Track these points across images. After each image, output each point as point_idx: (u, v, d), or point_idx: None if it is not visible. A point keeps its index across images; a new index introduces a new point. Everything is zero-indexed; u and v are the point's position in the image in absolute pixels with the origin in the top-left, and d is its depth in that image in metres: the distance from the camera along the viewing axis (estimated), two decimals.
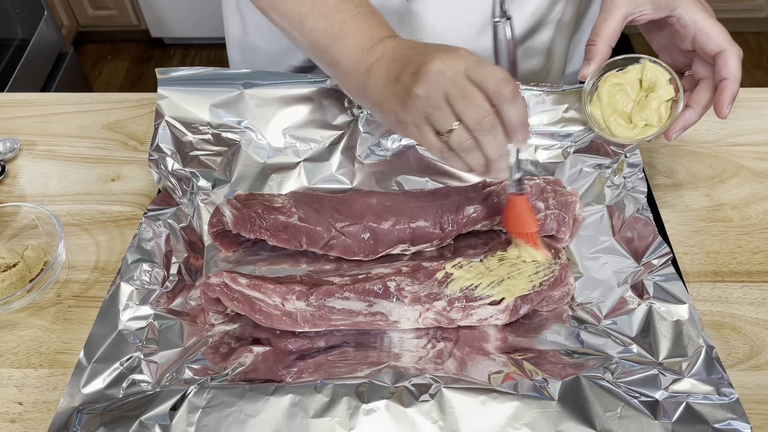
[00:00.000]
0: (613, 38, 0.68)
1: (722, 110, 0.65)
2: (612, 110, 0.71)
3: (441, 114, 0.56)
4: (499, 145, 0.57)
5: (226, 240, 0.72)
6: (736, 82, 0.65)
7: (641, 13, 0.67)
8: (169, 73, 0.80)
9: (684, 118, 0.68)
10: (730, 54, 0.64)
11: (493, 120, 0.55)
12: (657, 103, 0.69)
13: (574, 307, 0.67)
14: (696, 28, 0.65)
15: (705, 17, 0.65)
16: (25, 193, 0.81)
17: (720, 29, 0.65)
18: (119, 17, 2.51)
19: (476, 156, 0.58)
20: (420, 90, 0.56)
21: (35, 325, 0.68)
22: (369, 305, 0.63)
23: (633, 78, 0.70)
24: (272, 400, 0.56)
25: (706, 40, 0.65)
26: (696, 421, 0.54)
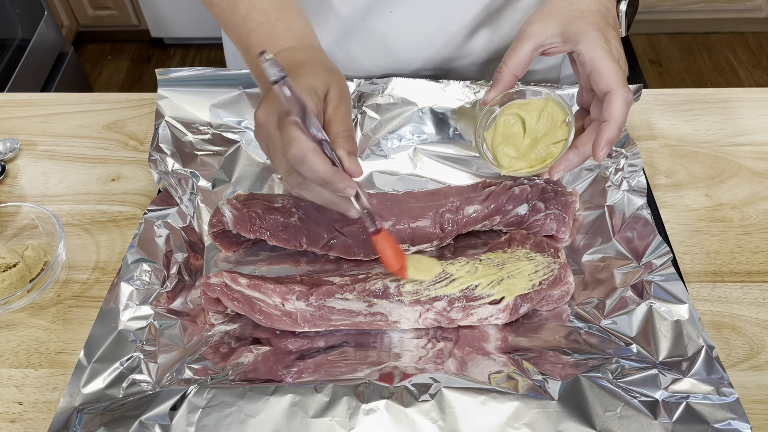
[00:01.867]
0: (521, 68, 0.65)
1: (595, 152, 0.62)
2: (503, 139, 0.68)
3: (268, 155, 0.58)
4: (316, 195, 0.57)
5: (226, 240, 0.72)
6: (616, 125, 0.61)
7: (551, 45, 0.65)
8: (169, 73, 0.80)
9: (567, 158, 0.64)
10: (616, 96, 0.60)
11: (297, 180, 0.56)
12: (551, 139, 0.67)
13: (574, 307, 0.67)
14: (592, 66, 0.62)
15: (603, 55, 0.61)
16: (25, 193, 0.81)
17: (614, 69, 0.61)
18: (119, 17, 2.51)
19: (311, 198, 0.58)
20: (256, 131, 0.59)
21: (35, 325, 0.68)
22: (369, 305, 0.63)
23: (534, 109, 0.67)
24: (272, 400, 0.56)
25: (598, 78, 0.61)
26: (696, 421, 0.54)
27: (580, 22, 0.63)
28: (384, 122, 0.81)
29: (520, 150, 0.68)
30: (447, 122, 0.81)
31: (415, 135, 0.82)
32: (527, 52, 0.65)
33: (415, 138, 0.82)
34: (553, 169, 0.65)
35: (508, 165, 0.68)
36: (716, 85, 2.36)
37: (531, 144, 0.68)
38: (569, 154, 0.64)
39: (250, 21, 0.63)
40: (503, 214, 0.71)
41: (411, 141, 0.82)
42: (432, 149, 0.81)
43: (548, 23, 0.64)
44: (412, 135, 0.82)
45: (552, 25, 0.64)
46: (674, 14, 2.50)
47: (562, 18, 0.64)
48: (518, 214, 0.71)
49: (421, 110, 0.81)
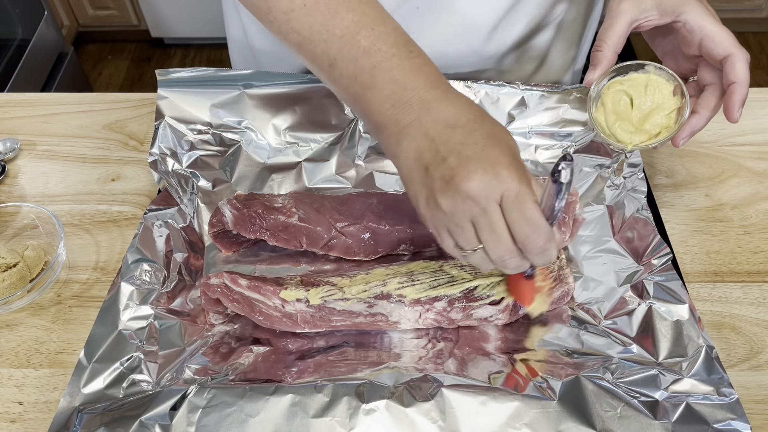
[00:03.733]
0: (619, 44, 0.68)
1: (733, 114, 0.65)
2: (616, 117, 0.70)
3: (464, 234, 0.51)
4: (519, 269, 0.54)
5: (226, 240, 0.72)
6: (745, 85, 0.65)
7: (647, 18, 0.67)
8: (169, 74, 0.80)
9: (691, 124, 0.68)
10: (738, 58, 0.64)
11: (518, 261, 0.52)
12: (662, 110, 0.69)
13: (574, 307, 0.67)
14: (702, 33, 0.65)
15: (711, 22, 0.65)
16: (25, 193, 0.81)
17: (727, 33, 0.65)
18: (119, 17, 2.51)
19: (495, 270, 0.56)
20: (446, 204, 0.50)
21: (35, 325, 0.68)
22: (369, 306, 0.63)
23: (638, 84, 0.70)
24: (272, 400, 0.56)
25: (713, 45, 0.65)
26: (696, 421, 0.54)
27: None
28: None
29: (634, 125, 0.70)
30: None
31: None
32: (624, 27, 0.67)
33: None
34: (678, 136, 0.68)
35: (629, 140, 0.70)
36: None
37: (642, 118, 0.70)
38: (692, 119, 0.68)
39: (377, 53, 0.54)
40: None
41: None
42: None
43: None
44: None
45: (646, 1, 0.66)
46: None
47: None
48: None
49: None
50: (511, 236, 0.50)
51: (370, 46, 0.54)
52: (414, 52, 0.55)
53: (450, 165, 0.49)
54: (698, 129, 0.68)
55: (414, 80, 0.54)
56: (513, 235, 0.50)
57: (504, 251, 0.51)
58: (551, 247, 0.51)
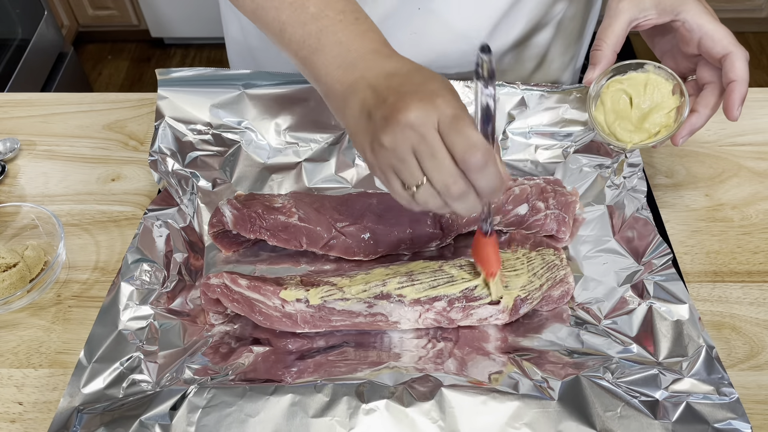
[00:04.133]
0: (618, 43, 0.68)
1: (733, 112, 0.66)
2: (616, 116, 0.71)
3: (407, 168, 0.51)
4: (469, 206, 0.53)
5: (226, 240, 0.72)
6: (745, 83, 0.65)
7: (645, 18, 0.67)
8: (170, 73, 0.80)
9: (690, 123, 0.68)
10: (737, 56, 0.65)
11: (462, 186, 0.51)
12: (662, 109, 0.69)
13: (574, 307, 0.67)
14: (701, 32, 0.65)
15: (710, 20, 0.65)
16: (25, 193, 0.81)
17: (725, 32, 0.65)
18: (119, 17, 2.51)
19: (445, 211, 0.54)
20: (387, 140, 0.51)
21: (35, 325, 0.68)
22: (369, 306, 0.63)
23: (637, 83, 0.70)
24: (272, 399, 0.56)
25: (712, 43, 0.65)
26: (696, 420, 0.54)
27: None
28: None
29: (633, 124, 0.70)
30: None
31: None
32: (623, 26, 0.67)
33: None
34: (677, 135, 0.68)
35: (629, 139, 0.70)
36: None
37: (641, 117, 0.70)
38: (691, 118, 0.68)
39: (324, 18, 0.57)
40: (503, 214, 0.71)
41: None
42: None
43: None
44: None
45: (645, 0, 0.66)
46: None
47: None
48: (518, 214, 0.71)
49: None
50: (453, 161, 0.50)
51: (318, 12, 0.57)
52: (360, 19, 0.58)
53: (389, 103, 0.51)
54: (697, 128, 0.68)
55: (358, 43, 0.56)
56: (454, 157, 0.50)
57: (446, 176, 0.50)
58: (491, 165, 0.50)
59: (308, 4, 0.58)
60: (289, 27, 0.59)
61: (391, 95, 0.52)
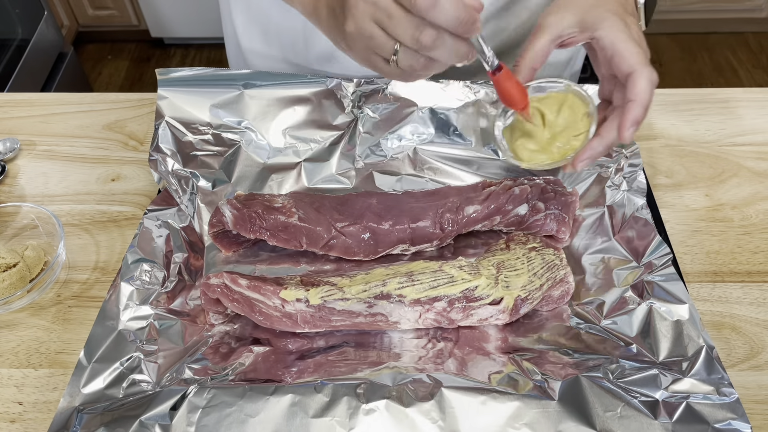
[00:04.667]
0: (539, 60, 0.64)
1: (622, 133, 0.60)
2: (522, 133, 0.67)
3: (377, 42, 0.53)
4: (451, 50, 0.53)
5: (226, 240, 0.72)
6: (642, 105, 0.59)
7: (569, 35, 0.63)
8: (170, 73, 0.80)
9: (591, 147, 0.63)
10: (640, 75, 0.59)
11: (431, 32, 0.51)
12: (573, 131, 0.65)
13: (574, 307, 0.67)
14: (613, 50, 0.61)
15: (623, 38, 0.60)
16: (25, 193, 0.81)
17: (637, 50, 0.60)
18: (119, 17, 2.51)
19: (437, 65, 0.54)
20: (350, 26, 0.54)
21: (35, 325, 0.68)
22: (369, 306, 0.63)
23: (554, 102, 0.66)
24: (272, 400, 0.56)
25: (620, 60, 0.60)
26: (696, 421, 0.54)
27: (598, 10, 0.62)
28: (384, 122, 0.81)
29: (540, 143, 0.67)
30: (447, 122, 0.81)
31: (415, 135, 0.82)
32: (545, 43, 0.63)
33: (415, 138, 0.82)
34: (576, 159, 0.64)
35: (528, 158, 0.67)
36: (716, 85, 2.36)
37: (552, 137, 0.66)
38: (593, 142, 0.63)
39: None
40: (503, 214, 0.71)
41: (411, 141, 0.82)
42: (432, 149, 0.81)
43: (565, 14, 0.63)
44: (412, 135, 0.82)
45: (569, 16, 0.63)
46: (674, 14, 2.50)
47: (579, 8, 0.63)
48: (518, 214, 0.71)
49: (421, 110, 0.81)
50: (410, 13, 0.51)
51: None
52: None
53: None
54: (598, 154, 0.63)
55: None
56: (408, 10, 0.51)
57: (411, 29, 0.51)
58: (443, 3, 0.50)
59: None
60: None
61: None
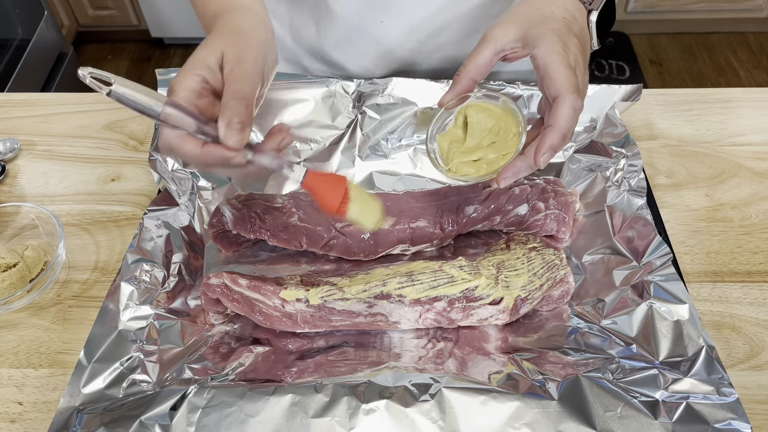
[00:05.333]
0: (480, 72, 0.63)
1: (535, 158, 0.59)
2: (454, 144, 0.66)
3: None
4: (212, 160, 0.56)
5: (226, 240, 0.72)
6: (559, 132, 0.58)
7: (512, 50, 0.62)
8: (170, 73, 0.80)
9: (514, 165, 0.61)
10: (563, 101, 0.57)
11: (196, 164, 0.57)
12: (500, 149, 0.64)
13: (574, 306, 0.67)
14: (545, 71, 0.59)
15: (556, 60, 0.58)
16: (25, 193, 0.81)
17: (565, 74, 0.58)
18: (119, 17, 2.51)
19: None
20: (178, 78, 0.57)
21: (35, 325, 0.68)
22: (369, 306, 0.63)
23: (488, 116, 0.65)
24: (272, 400, 0.56)
25: (549, 83, 0.59)
26: (696, 421, 0.54)
27: (541, 27, 0.60)
28: (384, 122, 0.81)
29: (469, 156, 0.65)
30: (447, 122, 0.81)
31: (415, 135, 0.82)
32: (487, 56, 0.62)
33: (415, 138, 0.82)
34: (500, 176, 0.62)
35: (455, 169, 0.65)
36: (716, 85, 2.36)
37: (482, 151, 0.65)
38: (516, 161, 0.61)
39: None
40: (503, 214, 0.71)
41: (411, 141, 0.82)
42: None
43: (510, 27, 0.62)
44: (412, 135, 0.82)
45: (514, 30, 0.61)
46: (674, 14, 2.50)
47: (525, 23, 0.61)
48: (518, 214, 0.71)
49: (421, 110, 0.81)
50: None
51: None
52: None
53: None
54: (521, 172, 0.61)
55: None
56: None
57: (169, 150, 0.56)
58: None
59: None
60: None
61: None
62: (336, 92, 0.81)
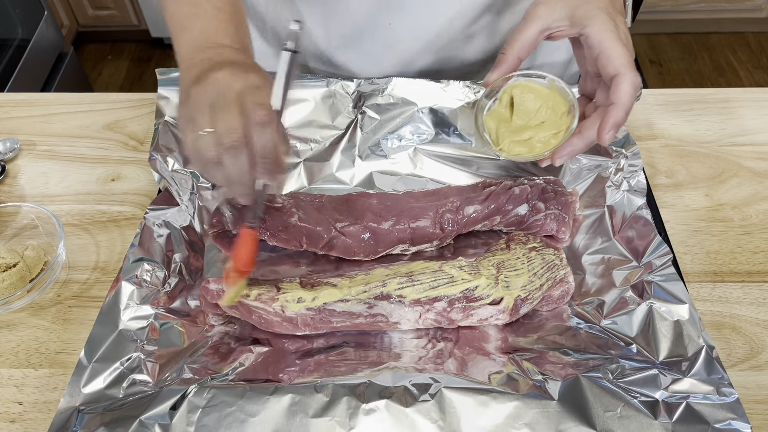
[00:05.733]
0: (525, 50, 0.64)
1: (602, 136, 0.61)
2: (503, 123, 0.67)
3: (200, 117, 0.55)
4: (239, 169, 0.55)
5: (226, 240, 0.72)
6: (623, 109, 0.60)
7: (558, 28, 0.63)
8: (170, 73, 0.80)
9: (571, 144, 0.63)
10: (624, 79, 0.60)
11: (239, 140, 0.53)
12: (552, 126, 0.65)
13: (574, 306, 0.67)
14: (600, 49, 0.61)
15: (611, 38, 0.60)
16: (25, 193, 0.81)
17: (622, 52, 0.60)
18: (119, 17, 2.51)
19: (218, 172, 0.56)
20: (194, 91, 0.56)
21: (35, 325, 0.68)
22: (369, 307, 0.63)
23: (535, 96, 0.66)
24: (272, 400, 0.56)
25: (606, 61, 0.60)
26: (696, 421, 0.54)
27: (588, 6, 0.62)
28: (384, 122, 0.81)
29: (519, 135, 0.67)
30: (447, 122, 0.81)
31: (415, 135, 0.82)
32: (533, 34, 0.63)
33: (415, 138, 0.82)
34: (556, 154, 0.64)
35: (508, 149, 0.67)
36: (716, 85, 2.36)
37: (532, 130, 0.66)
38: (573, 139, 0.64)
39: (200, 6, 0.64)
40: (503, 214, 0.71)
41: (411, 141, 0.82)
42: (432, 149, 0.81)
43: (555, 6, 0.63)
44: (412, 135, 0.82)
45: (559, 8, 0.63)
46: (674, 14, 2.50)
47: (572, 1, 0.63)
48: (518, 214, 0.71)
49: (421, 110, 0.81)
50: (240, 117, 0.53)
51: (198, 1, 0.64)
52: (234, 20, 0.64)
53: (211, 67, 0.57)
54: (577, 151, 0.64)
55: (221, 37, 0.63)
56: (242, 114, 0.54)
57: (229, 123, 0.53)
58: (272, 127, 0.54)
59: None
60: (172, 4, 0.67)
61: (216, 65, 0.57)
62: (336, 92, 0.81)
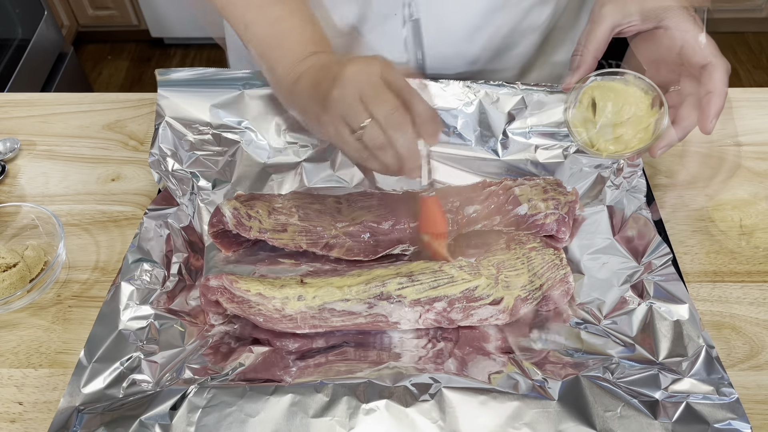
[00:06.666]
0: (600, 49, 0.66)
1: (706, 125, 0.63)
2: (593, 124, 0.68)
3: (354, 112, 0.57)
4: (409, 141, 0.58)
5: (226, 240, 0.72)
6: (721, 96, 0.62)
7: (629, 24, 0.65)
8: (169, 74, 0.80)
9: (669, 135, 0.65)
10: (716, 67, 0.62)
11: (402, 115, 0.57)
12: (639, 120, 0.67)
13: (574, 307, 0.67)
14: (683, 40, 0.63)
15: (693, 28, 0.63)
16: (25, 193, 0.81)
17: (708, 41, 0.63)
18: (119, 17, 2.51)
19: (389, 154, 0.59)
20: (336, 92, 0.58)
21: (35, 325, 0.68)
22: (369, 307, 0.63)
23: (617, 92, 0.67)
24: (272, 400, 0.56)
25: (693, 52, 0.63)
26: (696, 421, 0.55)
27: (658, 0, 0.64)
28: None
29: (611, 134, 0.68)
30: (447, 122, 0.81)
31: None
32: (605, 32, 0.65)
33: None
34: (655, 147, 0.66)
35: (605, 148, 0.68)
36: None
37: (621, 127, 0.67)
38: (670, 131, 0.65)
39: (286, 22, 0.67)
40: (503, 214, 0.71)
41: None
42: (432, 149, 0.81)
43: (623, 3, 0.65)
44: None
45: (629, 5, 0.65)
46: None
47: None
48: (518, 214, 0.71)
49: None
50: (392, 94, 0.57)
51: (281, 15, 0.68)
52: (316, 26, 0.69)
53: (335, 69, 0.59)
54: (676, 141, 0.66)
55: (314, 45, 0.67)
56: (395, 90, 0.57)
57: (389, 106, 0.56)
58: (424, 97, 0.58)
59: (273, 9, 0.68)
60: (254, 25, 0.69)
61: (336, 65, 0.60)
62: None
